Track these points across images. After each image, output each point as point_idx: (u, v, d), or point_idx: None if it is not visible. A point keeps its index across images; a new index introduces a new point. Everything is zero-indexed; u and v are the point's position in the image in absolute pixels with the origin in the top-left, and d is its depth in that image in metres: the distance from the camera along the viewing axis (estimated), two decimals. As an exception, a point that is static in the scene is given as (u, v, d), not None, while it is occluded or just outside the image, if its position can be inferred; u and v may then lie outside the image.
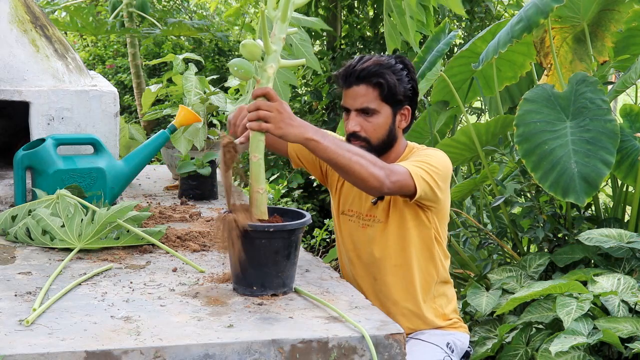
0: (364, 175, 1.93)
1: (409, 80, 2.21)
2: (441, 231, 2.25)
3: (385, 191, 2.01)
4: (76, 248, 2.17)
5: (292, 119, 1.85)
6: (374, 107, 2.18)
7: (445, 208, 2.24)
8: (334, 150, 1.90)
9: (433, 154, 2.18)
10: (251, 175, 1.85)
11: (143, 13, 5.41)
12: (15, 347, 1.50)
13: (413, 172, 2.05)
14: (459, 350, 2.25)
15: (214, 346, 1.56)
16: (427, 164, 2.10)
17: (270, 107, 1.82)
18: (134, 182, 3.24)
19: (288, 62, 1.91)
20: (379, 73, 2.16)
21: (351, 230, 2.31)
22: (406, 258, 2.22)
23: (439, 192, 2.12)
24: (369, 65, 2.17)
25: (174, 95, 3.57)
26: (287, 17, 1.83)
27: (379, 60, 2.19)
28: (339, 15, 5.79)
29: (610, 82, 3.42)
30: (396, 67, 2.19)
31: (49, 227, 2.21)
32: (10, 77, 2.60)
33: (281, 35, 1.83)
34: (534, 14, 3.00)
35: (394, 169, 2.02)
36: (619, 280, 2.52)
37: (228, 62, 1.88)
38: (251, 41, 1.82)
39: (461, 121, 4.40)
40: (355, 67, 2.19)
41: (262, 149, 1.84)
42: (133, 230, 2.21)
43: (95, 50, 7.70)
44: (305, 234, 4.99)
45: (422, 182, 2.06)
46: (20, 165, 2.45)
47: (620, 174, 2.97)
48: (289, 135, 1.84)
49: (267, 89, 1.83)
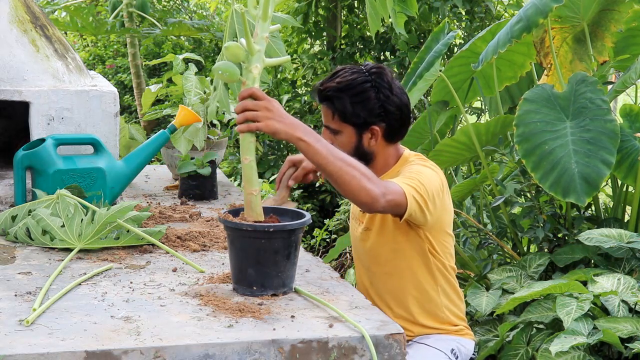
0: (355, 187, 1.86)
1: (378, 99, 2.12)
2: (437, 244, 2.18)
3: (378, 209, 1.93)
4: (76, 248, 2.17)
5: (283, 116, 1.81)
6: (334, 127, 2.15)
7: (442, 222, 2.17)
8: (324, 156, 1.84)
9: (423, 171, 2.09)
10: (244, 178, 1.84)
11: (143, 13, 5.41)
12: (15, 347, 1.50)
13: (406, 190, 1.98)
14: (464, 356, 2.24)
15: (214, 346, 1.56)
16: (417, 181, 2.02)
17: (257, 105, 1.79)
18: (134, 182, 3.24)
19: (273, 60, 1.89)
20: (333, 97, 2.12)
21: (353, 232, 2.34)
22: (396, 267, 2.20)
23: (427, 213, 2.04)
24: (330, 85, 2.13)
25: (174, 95, 3.57)
26: (268, 15, 1.80)
27: (345, 79, 2.12)
28: (339, 15, 5.79)
29: (610, 82, 3.42)
30: (359, 88, 2.11)
31: (49, 227, 2.21)
32: (10, 77, 2.60)
33: (264, 34, 1.81)
34: (533, 14, 3.00)
35: (389, 188, 1.94)
36: (619, 280, 2.52)
37: (214, 65, 1.87)
38: (234, 43, 1.80)
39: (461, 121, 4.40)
40: (322, 84, 2.16)
41: (252, 151, 1.83)
42: (133, 230, 2.21)
43: (95, 50, 7.70)
44: (305, 234, 4.98)
45: (413, 202, 1.99)
46: (20, 165, 2.46)
47: (620, 174, 2.97)
48: (279, 132, 1.80)
49: (253, 89, 1.80)
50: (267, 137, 5.84)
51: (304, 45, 6.07)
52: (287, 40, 6.01)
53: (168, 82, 3.71)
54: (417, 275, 2.20)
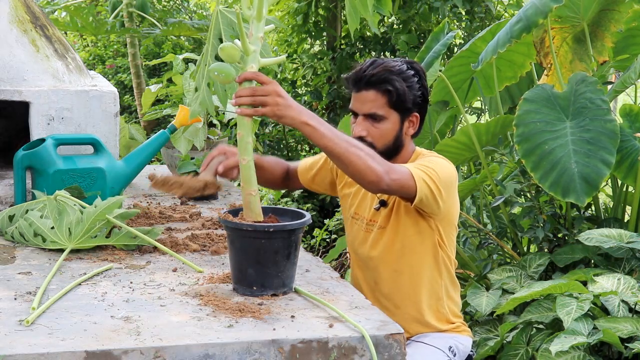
0: (361, 167, 1.90)
1: (420, 87, 2.18)
2: (445, 237, 2.21)
3: (384, 188, 1.96)
4: (67, 248, 2.15)
5: (290, 102, 1.81)
6: (381, 114, 2.15)
7: (451, 215, 2.20)
8: (330, 138, 1.87)
9: (437, 160, 2.15)
10: (242, 178, 1.84)
11: (143, 13, 5.41)
12: (15, 347, 1.50)
13: (415, 173, 2.02)
14: (462, 354, 2.24)
15: (214, 346, 1.56)
16: (430, 169, 2.07)
17: (266, 90, 1.78)
18: (134, 182, 3.24)
19: (268, 60, 1.87)
20: (388, 79, 2.13)
21: (356, 234, 2.31)
22: (406, 264, 2.21)
23: (439, 200, 2.07)
24: (379, 71, 2.14)
25: (174, 95, 3.57)
26: (262, 15, 1.79)
27: (391, 66, 2.16)
28: (339, 15, 5.79)
29: (610, 82, 3.42)
30: (407, 73, 2.16)
31: (40, 229, 2.19)
32: (10, 77, 2.60)
33: (259, 34, 1.80)
34: (533, 14, 3.00)
35: (394, 167, 1.99)
36: (619, 280, 2.52)
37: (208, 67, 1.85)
38: (229, 44, 1.79)
39: (461, 121, 4.40)
40: (365, 71, 2.16)
41: (250, 152, 1.82)
42: (126, 228, 2.19)
43: (95, 50, 7.70)
44: (305, 234, 4.98)
45: (423, 185, 2.03)
46: (20, 165, 2.45)
47: (620, 174, 2.97)
48: (285, 117, 1.80)
49: (257, 73, 1.78)
50: (267, 137, 5.84)
51: (304, 45, 6.06)
52: (287, 40, 6.00)
53: (168, 82, 3.71)
54: (425, 270, 2.21)
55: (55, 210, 2.22)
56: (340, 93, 5.61)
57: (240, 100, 1.79)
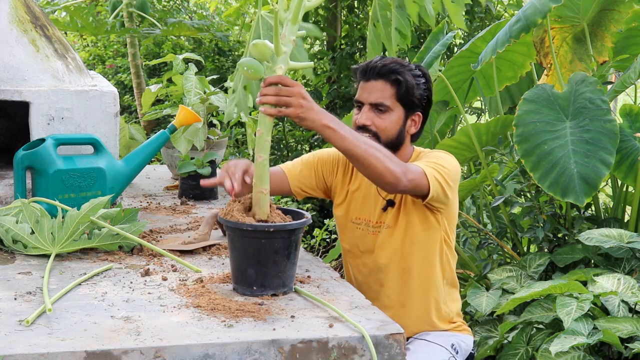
0: (380, 169, 1.94)
1: (425, 89, 2.23)
2: (450, 233, 2.25)
3: (400, 188, 2.01)
4: (52, 254, 2.12)
5: (313, 105, 1.86)
6: (388, 104, 2.19)
7: (454, 209, 2.24)
8: (350, 141, 1.91)
9: (443, 156, 2.19)
10: (255, 176, 1.85)
11: (143, 13, 5.40)
12: (15, 347, 1.50)
13: (427, 172, 2.06)
14: (464, 352, 2.25)
15: (214, 346, 1.56)
16: (439, 165, 2.11)
17: (291, 92, 1.82)
18: (134, 182, 3.24)
19: (297, 64, 1.91)
20: (399, 71, 2.18)
21: (360, 238, 2.29)
22: (413, 261, 2.21)
23: (449, 193, 2.13)
24: (390, 63, 2.20)
25: (174, 95, 3.57)
26: (298, 19, 1.83)
27: (401, 60, 2.22)
28: (339, 15, 5.79)
29: (609, 82, 3.42)
30: (415, 71, 2.22)
31: (19, 235, 2.16)
32: (10, 77, 2.60)
33: (291, 37, 1.83)
34: (532, 14, 3.00)
35: (410, 168, 2.03)
36: (619, 280, 2.52)
37: (239, 61, 1.87)
38: (262, 41, 1.82)
39: (461, 121, 4.40)
40: (376, 62, 2.21)
41: (267, 150, 1.84)
42: (108, 227, 2.16)
43: (95, 50, 7.70)
44: (305, 234, 4.98)
45: (435, 182, 2.07)
46: (20, 165, 2.45)
47: (620, 174, 2.97)
48: (306, 119, 1.84)
49: (282, 76, 1.82)
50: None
51: (304, 45, 6.06)
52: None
53: (168, 82, 3.71)
54: (431, 268, 2.23)
55: (33, 216, 2.17)
56: (341, 93, 5.61)
57: (264, 99, 1.82)
